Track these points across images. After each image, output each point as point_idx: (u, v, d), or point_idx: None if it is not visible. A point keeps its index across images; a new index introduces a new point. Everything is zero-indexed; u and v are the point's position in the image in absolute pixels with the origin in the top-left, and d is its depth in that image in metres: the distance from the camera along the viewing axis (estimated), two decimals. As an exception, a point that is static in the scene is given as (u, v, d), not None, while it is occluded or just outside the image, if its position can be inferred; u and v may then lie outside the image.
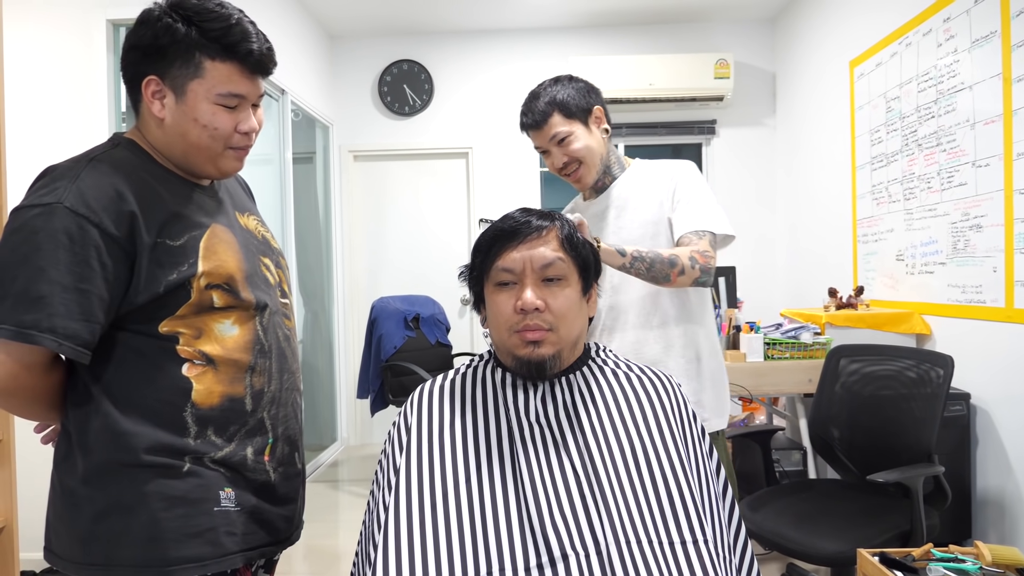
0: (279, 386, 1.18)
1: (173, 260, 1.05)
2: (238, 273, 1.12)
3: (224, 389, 1.10)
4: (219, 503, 1.08)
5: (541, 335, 1.10)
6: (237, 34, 1.07)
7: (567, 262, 1.13)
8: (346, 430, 4.96)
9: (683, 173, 1.70)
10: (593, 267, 1.20)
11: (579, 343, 1.18)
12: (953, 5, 2.71)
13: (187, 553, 1.04)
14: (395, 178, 5.02)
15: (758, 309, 4.26)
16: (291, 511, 1.23)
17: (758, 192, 4.79)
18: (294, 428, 1.23)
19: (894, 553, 1.61)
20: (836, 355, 2.45)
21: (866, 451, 2.29)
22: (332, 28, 4.74)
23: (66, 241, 0.98)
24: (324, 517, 3.66)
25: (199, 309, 1.08)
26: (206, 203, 1.15)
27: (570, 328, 1.13)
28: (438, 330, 4.22)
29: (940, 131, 2.81)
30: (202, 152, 1.11)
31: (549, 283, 1.12)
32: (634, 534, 0.98)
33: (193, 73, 1.06)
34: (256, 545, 1.14)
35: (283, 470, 1.19)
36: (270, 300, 1.19)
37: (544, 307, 1.10)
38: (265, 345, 1.15)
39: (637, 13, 4.60)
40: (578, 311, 1.14)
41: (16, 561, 2.16)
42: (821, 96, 4.00)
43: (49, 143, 2.83)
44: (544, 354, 1.11)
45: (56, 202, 0.99)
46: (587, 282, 1.18)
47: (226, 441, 1.10)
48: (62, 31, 2.85)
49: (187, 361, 1.07)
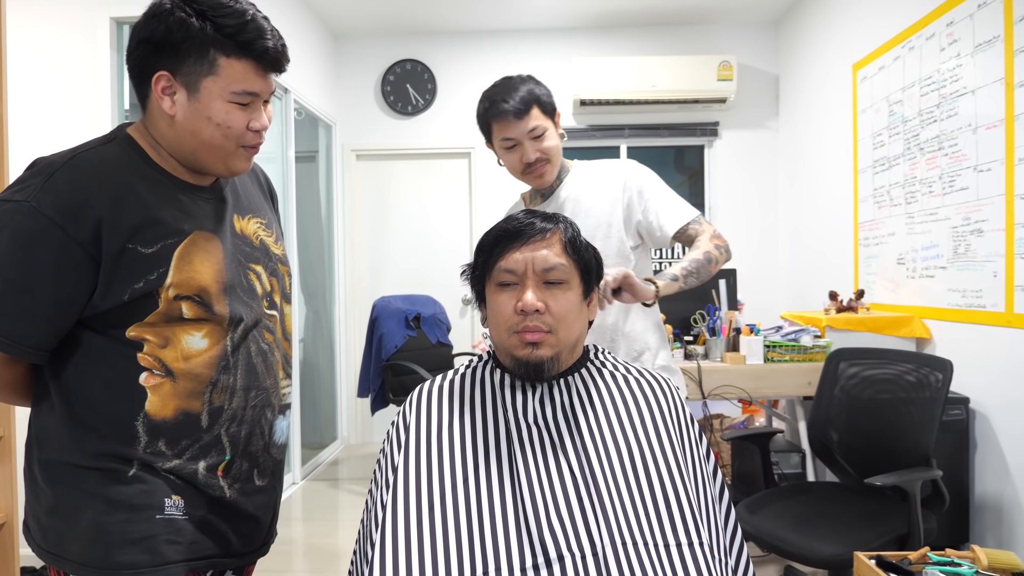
0: (243, 404, 1.13)
1: (141, 268, 1.02)
2: (213, 285, 1.08)
3: (180, 403, 1.07)
4: (163, 511, 1.06)
5: (540, 337, 1.11)
6: (252, 31, 1.04)
7: (569, 266, 1.14)
8: (346, 429, 4.97)
9: (639, 173, 1.75)
10: (595, 272, 1.20)
11: (578, 346, 1.19)
12: (956, 10, 2.71)
13: (124, 559, 1.03)
14: (397, 178, 5.02)
15: (759, 311, 4.26)
16: (251, 528, 1.18)
17: (760, 194, 4.79)
18: (258, 445, 1.17)
19: (891, 556, 1.61)
20: (836, 358, 2.46)
21: (865, 454, 2.29)
22: (336, 27, 4.75)
23: (26, 241, 0.97)
24: (324, 516, 3.67)
25: (168, 319, 1.05)
26: (195, 207, 1.11)
27: (569, 331, 1.13)
28: (439, 330, 4.23)
29: (942, 135, 2.81)
30: (214, 151, 1.08)
31: (550, 286, 1.12)
32: (630, 536, 0.99)
33: (207, 70, 1.03)
34: (204, 555, 1.10)
35: (240, 487, 1.14)
36: (248, 313, 1.14)
37: (544, 309, 1.10)
38: (231, 362, 1.11)
39: (641, 14, 4.60)
40: (578, 314, 1.15)
41: (16, 557, 2.16)
42: (824, 99, 4.00)
43: (52, 140, 2.81)
44: (543, 356, 1.11)
45: (24, 200, 0.98)
46: (588, 286, 1.18)
47: (176, 455, 1.07)
48: (65, 28, 2.86)
49: (146, 370, 1.04)
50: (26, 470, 1.11)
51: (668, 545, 0.99)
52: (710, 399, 2.91)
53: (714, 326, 3.03)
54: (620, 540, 0.98)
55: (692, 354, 3.04)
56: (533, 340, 1.10)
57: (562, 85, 4.75)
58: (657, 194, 1.72)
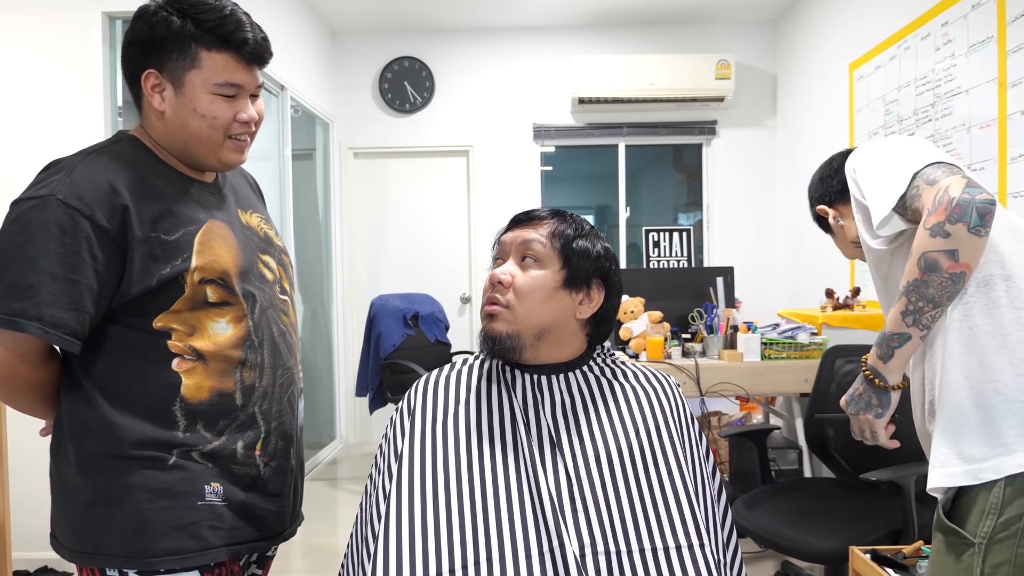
0: (271, 381, 1.18)
1: (167, 254, 1.06)
2: (233, 268, 1.13)
3: (214, 384, 1.11)
4: (203, 497, 1.09)
5: (497, 310, 1.12)
6: (231, 24, 1.09)
7: (548, 248, 1.14)
8: (344, 428, 4.98)
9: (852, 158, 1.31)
10: (586, 273, 1.15)
11: (549, 334, 1.14)
12: (951, 10, 2.72)
13: (169, 545, 1.06)
14: (395, 176, 5.03)
15: (757, 309, 4.28)
16: (281, 506, 1.22)
17: (757, 193, 4.81)
18: (289, 423, 1.22)
19: (885, 551, 1.63)
20: (832, 355, 2.47)
21: (860, 450, 2.30)
22: (333, 24, 4.76)
23: (57, 232, 1.00)
24: (322, 515, 3.68)
25: (194, 304, 1.09)
26: (205, 198, 1.17)
27: (530, 310, 1.11)
28: (437, 328, 4.24)
29: (937, 134, 2.82)
30: (203, 142, 1.12)
31: (524, 262, 1.14)
32: (637, 541, 0.99)
33: (190, 64, 1.08)
34: (243, 540, 1.15)
35: (275, 464, 1.19)
36: (264, 295, 1.19)
37: (510, 283, 1.12)
38: (256, 340, 1.16)
39: (639, 13, 4.61)
40: (545, 297, 1.12)
41: (8, 560, 2.17)
42: (821, 98, 4.01)
43: (45, 136, 2.83)
44: (497, 329, 1.11)
45: (49, 194, 1.01)
46: (573, 279, 1.14)
47: (216, 435, 1.11)
48: (57, 22, 2.83)
49: (177, 356, 1.08)
50: (53, 474, 1.12)
51: (667, 548, 0.99)
52: (707, 396, 2.92)
53: (712, 324, 3.04)
54: (624, 542, 0.99)
55: (690, 352, 3.05)
56: (490, 311, 1.12)
57: (560, 83, 4.77)
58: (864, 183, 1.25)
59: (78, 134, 2.77)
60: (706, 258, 4.87)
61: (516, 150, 4.84)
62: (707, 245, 4.88)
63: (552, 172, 4.96)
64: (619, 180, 4.91)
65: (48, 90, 2.83)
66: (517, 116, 4.84)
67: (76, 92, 2.82)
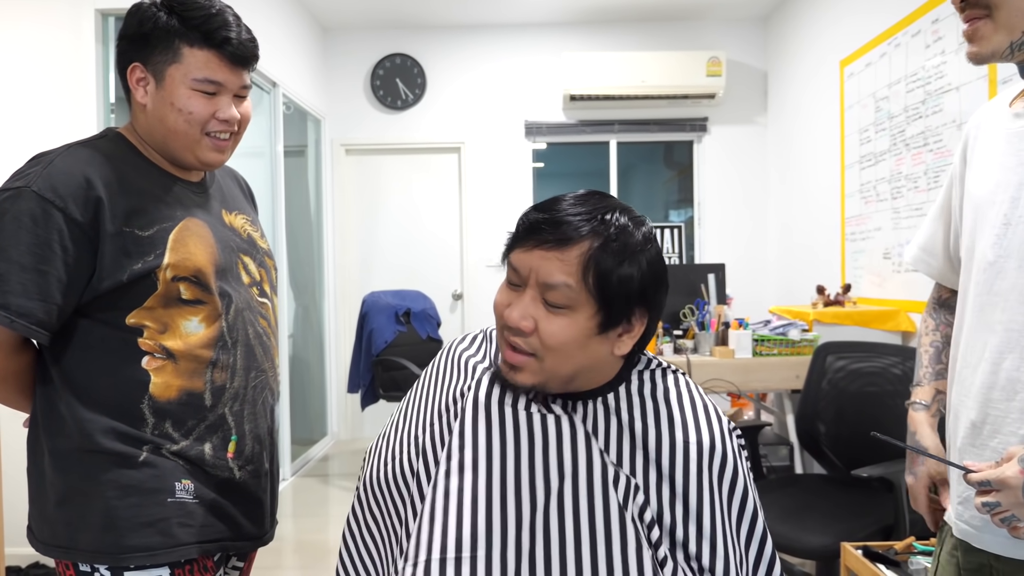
0: (243, 383, 1.17)
1: (140, 250, 1.06)
2: (208, 267, 1.12)
3: (182, 383, 1.10)
4: (174, 494, 1.09)
5: (522, 360, 0.92)
6: (217, 23, 1.10)
7: (578, 289, 0.88)
8: (336, 424, 4.96)
9: None
10: (628, 307, 0.91)
11: (584, 376, 0.95)
12: (942, 7, 2.74)
13: (138, 542, 1.06)
14: (387, 172, 5.01)
15: (748, 306, 4.29)
16: (257, 509, 1.21)
17: (748, 190, 4.82)
18: (264, 427, 1.21)
19: (877, 546, 1.64)
20: (823, 352, 2.49)
21: (851, 446, 2.32)
22: (325, 21, 4.73)
23: (29, 223, 1.01)
24: (314, 512, 3.67)
25: (167, 301, 1.09)
26: (188, 197, 1.16)
27: (561, 362, 0.91)
28: (429, 325, 4.23)
29: (927, 131, 2.84)
30: (179, 138, 1.12)
31: (549, 306, 0.90)
32: None
33: (172, 59, 1.09)
34: (215, 538, 1.14)
35: (251, 468, 1.18)
36: (240, 296, 1.18)
37: (532, 330, 0.90)
38: (229, 341, 1.15)
39: (630, 10, 4.61)
40: (580, 346, 0.91)
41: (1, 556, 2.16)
42: (812, 95, 4.03)
43: (37, 132, 2.81)
44: (522, 382, 0.93)
45: (25, 186, 1.02)
46: (611, 317, 0.91)
47: (183, 436, 1.11)
48: (50, 19, 2.82)
49: (147, 354, 1.08)
50: (30, 468, 1.13)
51: None
52: (699, 393, 2.93)
53: (703, 320, 3.05)
54: None
55: (681, 348, 3.06)
56: (513, 362, 0.92)
57: (552, 80, 4.76)
58: None
59: (70, 130, 2.75)
60: (697, 255, 4.88)
61: (508, 147, 4.83)
62: (698, 242, 4.89)
63: (544, 169, 4.95)
64: (610, 177, 4.91)
65: (41, 86, 2.82)
66: (509, 113, 4.83)
67: (68, 89, 2.81)
